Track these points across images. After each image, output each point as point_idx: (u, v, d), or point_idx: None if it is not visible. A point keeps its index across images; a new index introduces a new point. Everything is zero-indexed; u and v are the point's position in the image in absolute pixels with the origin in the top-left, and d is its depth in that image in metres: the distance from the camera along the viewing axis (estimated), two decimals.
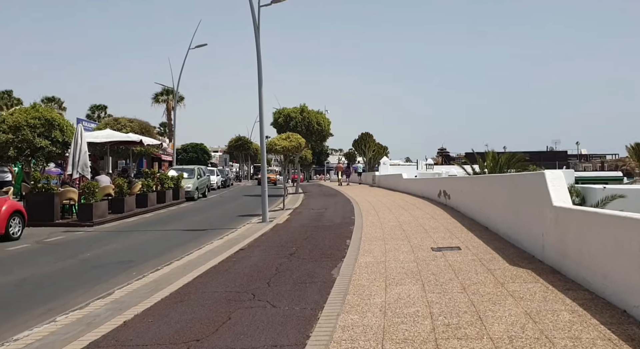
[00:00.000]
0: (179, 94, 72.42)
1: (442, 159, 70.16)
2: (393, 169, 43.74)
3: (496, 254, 7.67)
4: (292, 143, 17.69)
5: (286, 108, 30.22)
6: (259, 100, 14.26)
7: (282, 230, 12.03)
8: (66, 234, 12.87)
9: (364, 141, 48.49)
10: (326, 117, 30.79)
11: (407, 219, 12.85)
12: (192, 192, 24.54)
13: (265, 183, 14.54)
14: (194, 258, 8.87)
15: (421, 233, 10.26)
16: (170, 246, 10.88)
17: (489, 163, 25.49)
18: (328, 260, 7.80)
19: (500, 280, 6.02)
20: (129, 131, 24.18)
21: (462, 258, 7.47)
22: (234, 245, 10.00)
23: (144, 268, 8.42)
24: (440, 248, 8.41)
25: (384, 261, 7.52)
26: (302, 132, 29.45)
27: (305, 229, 11.83)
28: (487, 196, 10.33)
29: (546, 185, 6.72)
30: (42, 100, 67.77)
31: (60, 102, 66.29)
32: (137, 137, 18.10)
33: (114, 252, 10.28)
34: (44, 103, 66.46)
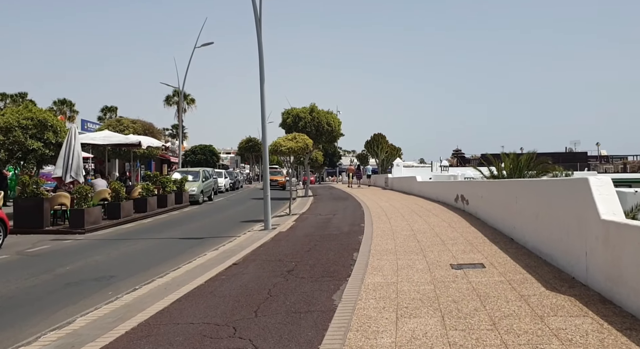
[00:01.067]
0: (190, 96, 72.59)
1: (458, 161, 68.61)
2: (407, 171, 42.51)
3: (527, 274, 6.52)
4: (298, 144, 16.63)
5: (295, 109, 29.18)
6: (261, 98, 13.23)
7: (284, 239, 10.97)
8: (53, 243, 11.94)
9: (377, 142, 47.20)
10: (337, 117, 29.67)
11: (421, 227, 11.71)
12: (197, 196, 23.60)
13: (267, 187, 13.50)
14: (180, 275, 7.84)
15: (438, 245, 9.12)
16: (160, 258, 9.89)
17: (508, 165, 24.25)
18: (330, 280, 6.72)
19: (538, 312, 4.88)
20: (132, 132, 23.33)
21: (487, 279, 6.33)
22: (227, 258, 8.96)
23: (123, 286, 7.43)
24: (461, 265, 7.27)
25: (396, 282, 6.41)
26: (311, 132, 28.41)
27: (309, 239, 10.76)
28: (513, 203, 9.16)
29: (591, 194, 5.57)
30: (54, 102, 67.80)
31: (72, 104, 66.24)
32: (135, 138, 17.20)
33: (97, 265, 9.30)
34: (55, 105, 66.46)
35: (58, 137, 15.84)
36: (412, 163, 66.41)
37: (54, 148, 15.74)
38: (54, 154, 15.76)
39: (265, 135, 13.39)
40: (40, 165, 16.33)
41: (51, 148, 15.75)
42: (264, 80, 13.24)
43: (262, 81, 13.23)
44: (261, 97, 13.21)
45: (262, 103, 13.22)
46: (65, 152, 14.78)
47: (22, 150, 15.21)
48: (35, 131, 15.42)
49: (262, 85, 13.23)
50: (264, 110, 13.24)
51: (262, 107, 13.24)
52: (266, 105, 13.30)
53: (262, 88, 13.23)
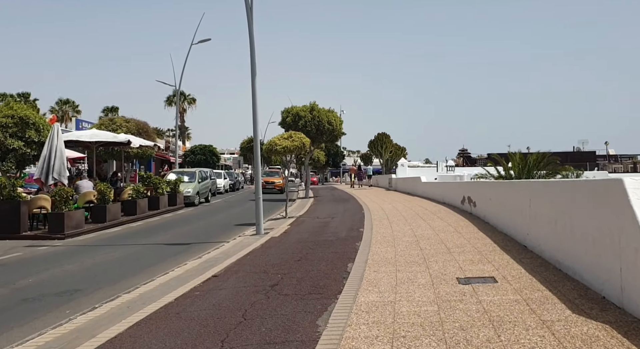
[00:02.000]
0: (191, 95, 71.88)
1: (464, 160, 67.44)
2: (411, 171, 41.53)
3: (547, 291, 5.57)
4: (294, 143, 15.71)
5: (295, 107, 28.25)
6: (252, 93, 12.32)
7: (274, 246, 10.05)
8: (26, 250, 11.08)
9: (381, 141, 46.08)
10: (338, 115, 28.73)
11: (425, 232, 10.76)
12: (192, 197, 22.74)
13: (259, 189, 12.58)
14: (150, 290, 6.93)
15: (443, 253, 8.17)
16: (137, 267, 9.01)
17: (516, 165, 23.25)
18: (318, 298, 5.79)
19: (567, 345, 3.93)
20: (125, 131, 22.48)
21: (500, 298, 5.39)
22: (208, 269, 8.06)
23: (85, 303, 6.56)
24: (469, 279, 6.33)
25: (393, 301, 5.47)
26: (312, 131, 27.50)
27: (301, 246, 9.83)
28: (526, 206, 8.20)
29: (627, 198, 4.62)
30: (57, 103, 67.32)
31: (75, 104, 65.76)
32: (124, 137, 16.34)
33: (64, 276, 8.42)
34: (58, 105, 66.05)
35: (41, 136, 14.99)
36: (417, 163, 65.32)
37: (37, 148, 14.90)
38: (36, 153, 14.91)
39: (256, 131, 12.47)
40: (22, 165, 15.46)
41: (33, 148, 14.90)
42: (256, 74, 12.34)
43: (254, 75, 12.32)
44: (252, 92, 12.30)
45: (253, 98, 12.31)
46: (47, 152, 13.94)
47: (1, 150, 14.35)
48: (16, 129, 14.57)
49: (253, 79, 12.33)
50: (256, 106, 12.33)
51: (254, 102, 12.33)
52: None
53: (254, 82, 12.32)
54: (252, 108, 12.36)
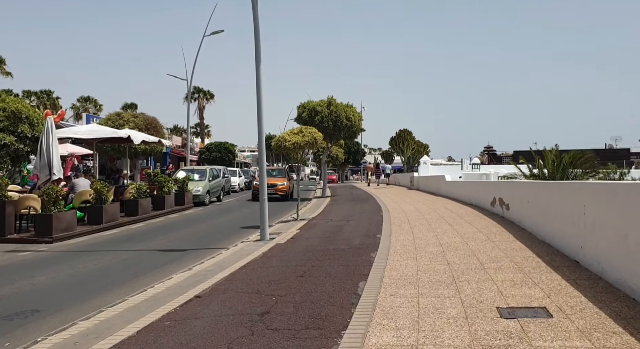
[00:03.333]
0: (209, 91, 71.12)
1: (489, 158, 65.18)
2: (434, 169, 39.81)
3: (628, 335, 4.10)
4: (305, 139, 14.36)
5: (311, 102, 26.91)
6: (257, 81, 11.00)
7: (277, 256, 8.72)
8: (5, 256, 9.98)
9: (402, 138, 44.51)
10: (356, 110, 27.28)
11: (452, 241, 9.31)
12: (202, 196, 21.60)
13: (264, 189, 11.26)
14: (114, 316, 5.66)
15: (476, 270, 6.73)
16: (117, 281, 7.79)
17: (549, 163, 21.53)
18: (316, 336, 4.44)
19: None
20: (133, 126, 21.45)
21: (562, 344, 3.95)
22: (194, 285, 6.78)
23: (34, 331, 5.36)
24: (514, 311, 4.89)
25: (415, 344, 4.09)
26: (329, 127, 26.17)
27: (307, 257, 8.48)
28: (579, 214, 6.70)
29: None
30: (78, 100, 67.47)
31: (97, 102, 65.76)
32: (124, 132, 15.24)
33: (30, 291, 7.23)
34: (79, 103, 66.20)
35: (35, 131, 13.97)
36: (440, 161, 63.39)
37: (30, 143, 13.87)
38: (30, 149, 13.88)
39: (261, 125, 11.14)
40: (16, 162, 14.47)
41: (27, 143, 13.88)
42: (260, 61, 11.02)
43: (258, 61, 11.01)
44: (257, 80, 10.99)
45: (257, 87, 11.00)
46: (41, 149, 12.87)
47: None
48: (8, 123, 13.56)
49: (257, 66, 11.02)
50: (260, 95, 11.01)
51: (258, 92, 11.02)
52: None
53: (258, 69, 11.01)
54: (257, 99, 11.05)
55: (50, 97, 65.17)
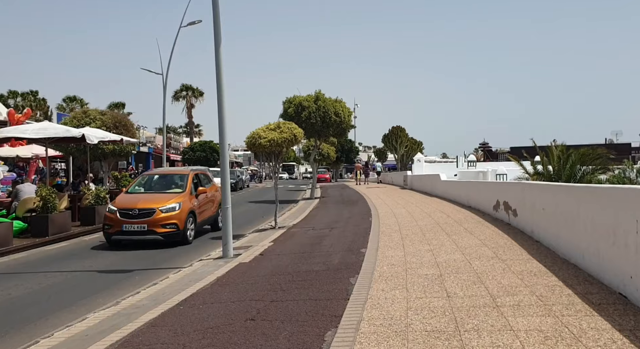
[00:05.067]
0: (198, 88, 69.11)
1: (485, 155, 63.54)
2: (429, 167, 38.12)
3: None
4: (282, 135, 12.57)
5: (298, 96, 25.10)
6: (217, 64, 9.21)
7: (233, 283, 6.94)
8: None
9: (395, 136, 42.74)
10: (346, 105, 25.49)
11: (452, 258, 7.55)
12: None
13: (227, 194, 9.45)
14: None
15: (486, 309, 4.96)
16: (14, 322, 5.98)
17: (555, 160, 19.82)
18: None
19: None
20: (100, 125, 19.56)
21: None
22: (101, 338, 4.98)
23: None
24: None
25: None
26: (316, 124, 24.40)
27: (271, 284, 6.70)
28: (626, 230, 4.95)
29: None
30: (64, 100, 65.50)
31: (83, 101, 63.79)
32: (77, 131, 13.42)
33: None
34: (65, 102, 64.19)
35: None
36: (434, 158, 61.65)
37: None
38: None
39: (222, 116, 9.32)
40: None
41: None
42: (220, 42, 9.22)
43: (218, 43, 9.20)
44: (217, 62, 9.20)
45: (217, 70, 9.21)
46: None
47: None
48: None
49: (217, 47, 9.22)
50: (221, 81, 9.21)
51: (218, 76, 9.22)
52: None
53: (218, 51, 9.21)
54: (217, 86, 9.25)
55: (36, 98, 63.24)
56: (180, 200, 11.61)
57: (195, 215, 11.99)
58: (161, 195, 11.99)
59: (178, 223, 11.15)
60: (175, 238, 11.18)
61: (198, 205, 12.34)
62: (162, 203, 11.32)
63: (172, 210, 11.23)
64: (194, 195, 12.29)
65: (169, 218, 11.07)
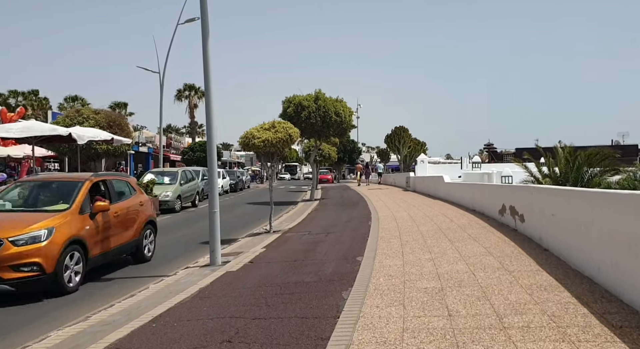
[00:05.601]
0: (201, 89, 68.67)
1: (489, 156, 62.81)
2: (432, 168, 37.50)
3: None
4: (277, 135, 12.02)
5: (298, 96, 24.55)
6: (204, 60, 8.68)
7: (215, 296, 6.39)
8: None
9: (398, 136, 42.04)
10: (347, 105, 24.93)
11: (454, 269, 6.97)
12: (172, 202, 19.23)
13: (215, 198, 8.92)
14: None
15: (492, 332, 4.38)
16: None
17: (562, 162, 19.20)
18: None
19: None
20: (93, 124, 19.10)
21: None
22: None
23: None
24: None
25: None
26: (316, 124, 23.85)
27: (256, 297, 6.15)
28: None
29: None
30: (66, 99, 65.30)
31: (85, 101, 63.57)
32: (64, 130, 12.91)
33: None
34: (67, 102, 63.95)
35: None
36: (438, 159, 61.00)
37: None
38: None
39: (210, 110, 8.80)
40: None
41: None
42: (208, 35, 8.68)
43: (206, 36, 8.67)
44: (204, 58, 8.67)
45: (205, 67, 8.68)
46: None
47: None
48: None
49: (205, 41, 8.69)
50: (209, 77, 8.68)
51: (206, 73, 8.69)
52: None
53: (206, 46, 8.68)
54: (205, 82, 8.72)
55: (37, 97, 63.11)
56: (55, 223, 7.25)
57: (86, 246, 7.71)
58: (26, 216, 7.63)
59: (42, 263, 6.83)
60: (38, 288, 6.96)
61: (95, 228, 8.06)
62: (17, 229, 6.96)
63: (33, 240, 6.89)
64: (87, 214, 7.98)
65: (27, 255, 6.77)
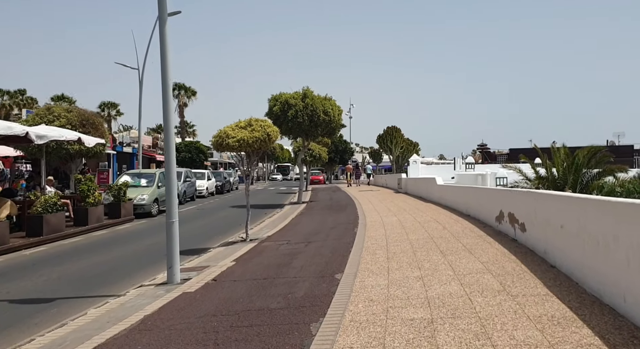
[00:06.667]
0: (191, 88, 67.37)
1: (483, 157, 61.96)
2: (425, 169, 36.51)
3: None
4: (254, 134, 10.89)
5: (284, 94, 23.46)
6: (161, 46, 7.56)
7: (157, 328, 5.27)
8: None
9: (390, 136, 41.05)
10: (336, 104, 23.85)
11: (447, 291, 5.90)
12: (148, 206, 18.01)
13: (173, 203, 7.76)
14: None
15: None
16: None
17: (560, 163, 18.24)
18: None
19: None
20: (65, 123, 17.87)
21: None
22: None
23: None
24: None
25: None
26: (304, 123, 22.77)
27: (207, 328, 5.04)
28: None
29: None
30: (52, 99, 63.90)
31: (72, 100, 62.25)
32: (21, 129, 11.72)
33: None
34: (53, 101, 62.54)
35: None
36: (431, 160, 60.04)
37: None
38: None
39: (168, 105, 7.67)
40: None
41: None
42: (166, 21, 7.56)
43: (163, 21, 7.55)
44: (161, 44, 7.54)
45: (162, 52, 7.55)
46: None
47: None
48: None
49: (162, 27, 7.56)
50: (167, 65, 7.56)
51: (163, 58, 7.57)
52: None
53: (163, 30, 7.56)
54: (162, 73, 7.60)
55: (24, 97, 61.80)
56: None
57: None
58: None
59: None
60: None
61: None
62: None
63: None
64: None
65: None
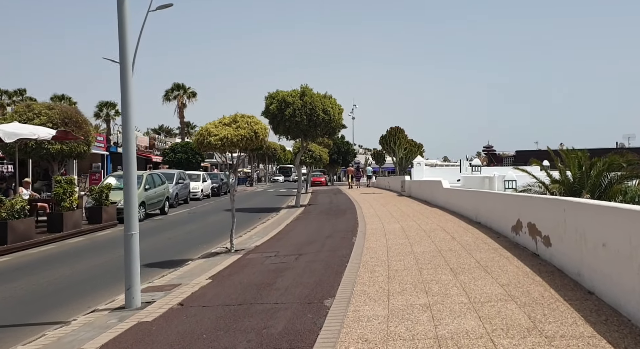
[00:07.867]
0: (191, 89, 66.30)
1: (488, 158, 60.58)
2: (430, 171, 35.18)
3: None
4: (239, 132, 9.67)
5: (281, 91, 22.24)
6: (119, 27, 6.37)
7: None
8: None
9: (394, 137, 39.77)
10: (336, 102, 22.62)
11: (462, 328, 4.66)
12: None
13: (133, 213, 6.54)
14: None
15: None
16: None
17: (574, 167, 16.85)
18: None
19: None
20: (46, 120, 16.74)
21: None
22: None
23: None
24: None
25: None
26: (302, 122, 21.53)
27: None
28: None
29: None
30: (52, 98, 63.03)
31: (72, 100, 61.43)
32: None
33: None
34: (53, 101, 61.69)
35: None
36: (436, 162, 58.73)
37: None
38: None
39: (127, 94, 6.48)
40: None
41: None
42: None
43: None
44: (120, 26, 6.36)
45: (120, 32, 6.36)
46: None
47: None
48: None
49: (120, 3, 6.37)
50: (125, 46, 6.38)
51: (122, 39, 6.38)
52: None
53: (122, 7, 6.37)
54: (120, 58, 6.41)
55: (23, 96, 61.02)
56: None
57: None
58: None
59: None
60: None
61: None
62: None
63: None
64: None
65: None
